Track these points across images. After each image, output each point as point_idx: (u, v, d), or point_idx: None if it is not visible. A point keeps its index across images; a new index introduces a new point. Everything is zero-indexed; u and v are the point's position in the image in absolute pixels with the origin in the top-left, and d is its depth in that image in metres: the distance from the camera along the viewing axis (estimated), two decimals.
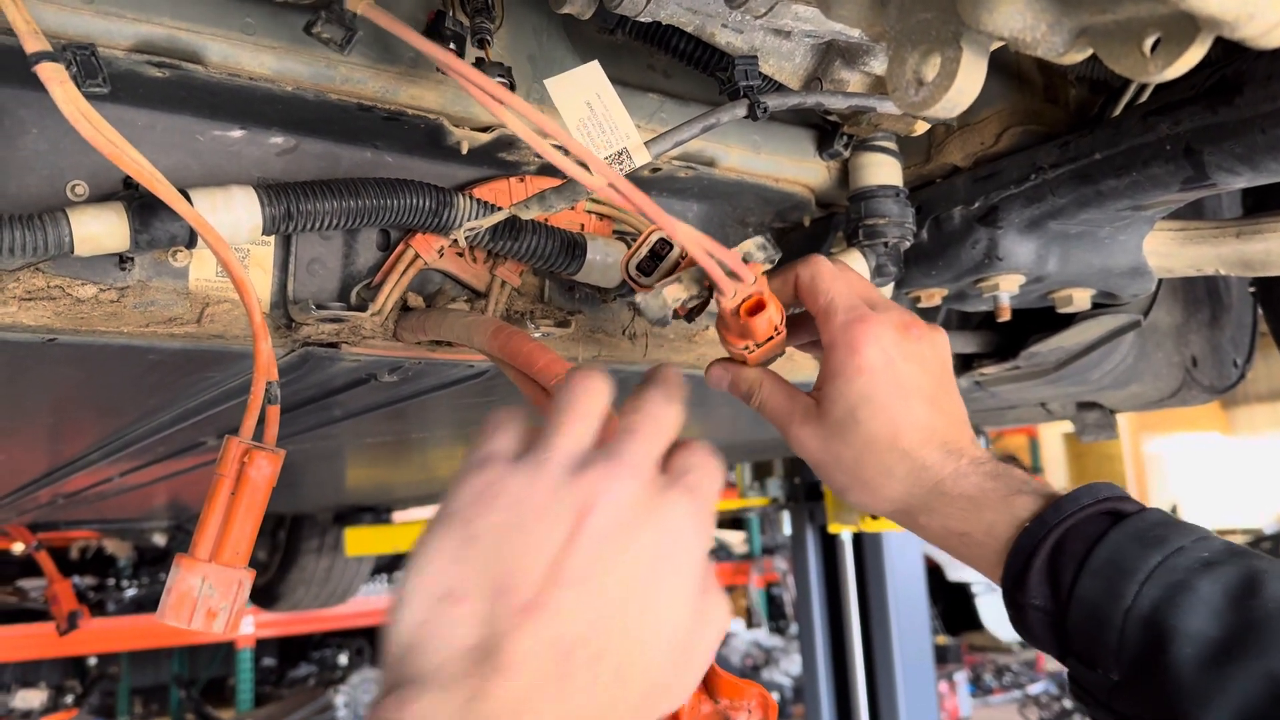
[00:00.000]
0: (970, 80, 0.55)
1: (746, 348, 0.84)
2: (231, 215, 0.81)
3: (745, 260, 0.81)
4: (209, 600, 0.72)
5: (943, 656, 7.04)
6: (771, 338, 0.83)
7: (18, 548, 5.53)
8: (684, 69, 1.01)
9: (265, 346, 0.75)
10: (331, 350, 0.95)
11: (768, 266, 0.85)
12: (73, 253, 0.78)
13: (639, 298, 0.84)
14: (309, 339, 0.94)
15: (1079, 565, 0.69)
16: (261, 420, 0.76)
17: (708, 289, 0.83)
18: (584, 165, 0.74)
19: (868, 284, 0.86)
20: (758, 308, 0.80)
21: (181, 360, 0.96)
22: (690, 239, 0.77)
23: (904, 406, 0.78)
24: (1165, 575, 0.66)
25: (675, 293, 0.84)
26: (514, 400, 1.44)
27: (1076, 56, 0.54)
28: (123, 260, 0.87)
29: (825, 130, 1.13)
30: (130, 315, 0.87)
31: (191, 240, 0.81)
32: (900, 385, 0.78)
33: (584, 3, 0.83)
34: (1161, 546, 0.67)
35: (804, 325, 0.88)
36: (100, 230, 0.78)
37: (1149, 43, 0.50)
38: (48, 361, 0.97)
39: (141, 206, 0.79)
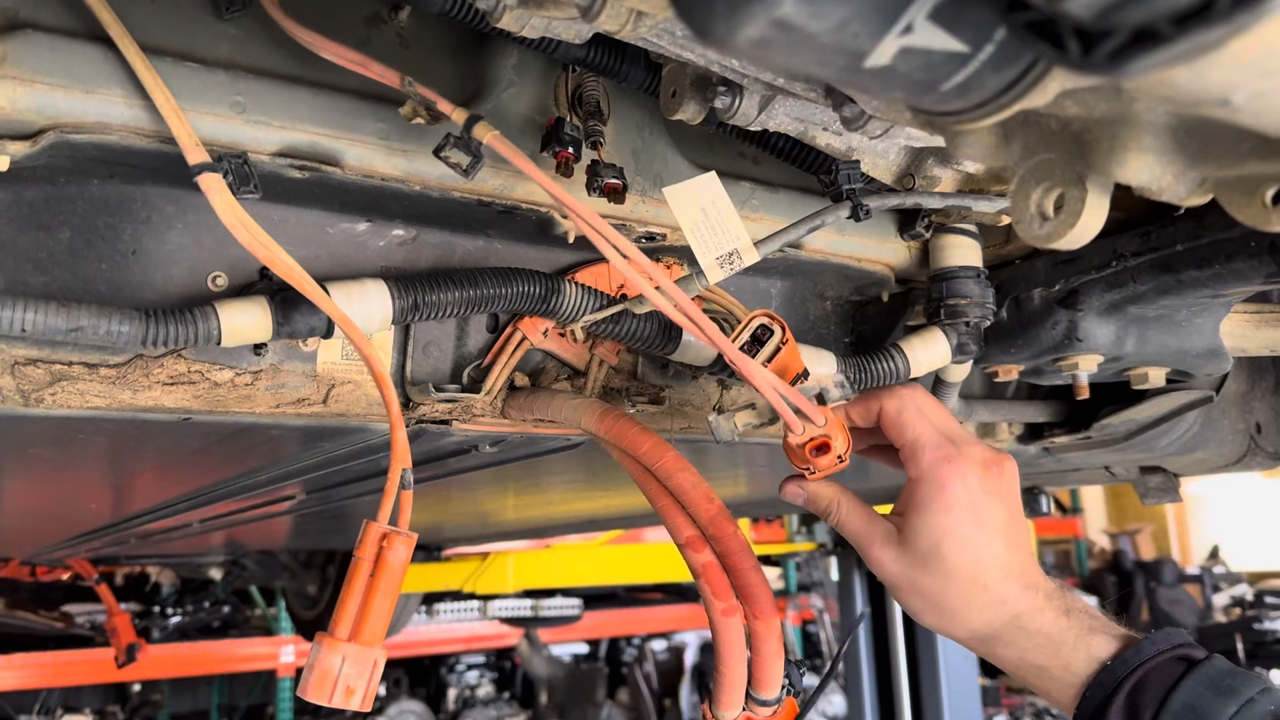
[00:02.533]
0: (1095, 217, 0.59)
1: (809, 468, 0.89)
2: (366, 307, 0.86)
3: (821, 398, 0.87)
4: (348, 678, 0.76)
5: (981, 699, 6.94)
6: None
7: (64, 574, 5.63)
8: (772, 157, 1.06)
9: (401, 435, 0.80)
10: (443, 426, 1.00)
11: (841, 404, 0.91)
12: (219, 344, 0.83)
13: (711, 418, 0.91)
14: (424, 417, 0.99)
15: (1158, 708, 0.76)
16: (396, 505, 0.81)
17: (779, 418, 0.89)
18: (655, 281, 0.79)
19: (949, 416, 0.91)
20: (822, 449, 0.86)
21: (300, 434, 1.02)
22: (764, 381, 0.82)
23: (987, 543, 0.84)
24: None
25: (747, 418, 0.93)
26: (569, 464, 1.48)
27: (1197, 201, 0.57)
28: (258, 347, 0.92)
29: (908, 213, 1.17)
30: (262, 397, 0.93)
31: (329, 331, 0.86)
32: (983, 523, 0.84)
33: (695, 110, 0.88)
34: (1234, 697, 0.75)
35: (870, 434, 0.94)
36: (246, 323, 0.83)
37: (1270, 194, 0.54)
38: (175, 436, 1.02)
39: (284, 301, 0.84)
